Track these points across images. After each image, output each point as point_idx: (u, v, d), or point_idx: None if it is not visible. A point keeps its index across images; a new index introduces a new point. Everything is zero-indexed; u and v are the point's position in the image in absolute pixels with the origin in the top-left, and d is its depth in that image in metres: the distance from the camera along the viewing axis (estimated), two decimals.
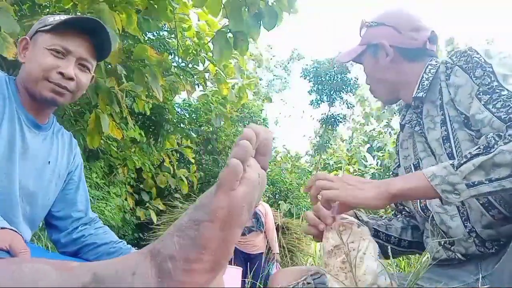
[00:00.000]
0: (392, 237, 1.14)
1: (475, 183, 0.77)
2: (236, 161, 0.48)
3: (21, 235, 0.89)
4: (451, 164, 0.80)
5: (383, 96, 1.18)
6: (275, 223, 4.29)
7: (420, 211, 1.05)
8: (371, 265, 0.73)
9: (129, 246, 1.24)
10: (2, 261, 0.52)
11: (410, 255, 3.24)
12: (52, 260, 0.48)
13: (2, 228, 0.85)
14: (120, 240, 1.25)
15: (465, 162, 0.78)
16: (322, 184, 0.86)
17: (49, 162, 1.14)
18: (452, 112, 0.97)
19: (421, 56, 1.08)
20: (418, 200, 1.06)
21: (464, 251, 0.96)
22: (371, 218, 1.15)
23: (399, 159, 1.19)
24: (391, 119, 15.65)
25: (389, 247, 1.08)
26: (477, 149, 0.79)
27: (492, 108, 0.85)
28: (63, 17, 1.08)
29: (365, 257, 0.75)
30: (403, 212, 1.20)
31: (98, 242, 1.21)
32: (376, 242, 1.11)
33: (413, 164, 1.09)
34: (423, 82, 1.04)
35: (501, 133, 0.80)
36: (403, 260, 3.37)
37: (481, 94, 0.89)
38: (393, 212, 1.26)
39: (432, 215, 1.01)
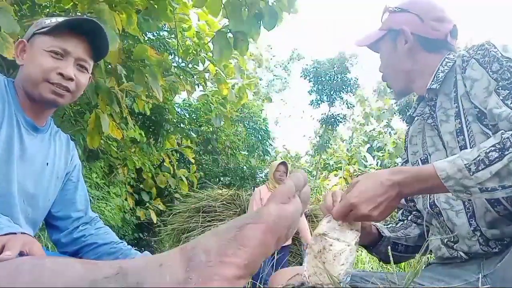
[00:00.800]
0: (411, 247, 1.15)
1: (489, 189, 0.78)
2: (292, 183, 0.54)
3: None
4: (466, 167, 0.78)
5: (396, 85, 1.15)
6: None
7: (429, 207, 1.05)
8: (336, 268, 0.78)
9: (129, 246, 1.25)
10: (26, 258, 0.53)
11: None
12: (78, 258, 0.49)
13: (23, 233, 0.86)
14: (121, 240, 1.25)
15: (483, 169, 0.77)
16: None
17: (47, 163, 1.15)
18: (466, 104, 0.96)
19: (440, 48, 1.06)
20: (428, 197, 1.06)
21: (467, 249, 0.95)
22: (391, 231, 1.15)
23: (407, 155, 1.17)
24: (391, 119, 15.66)
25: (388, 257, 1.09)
26: (492, 148, 0.79)
27: (511, 103, 0.85)
28: (60, 19, 1.09)
29: (336, 258, 0.79)
30: (413, 213, 1.19)
31: (98, 242, 1.21)
32: (394, 254, 1.11)
33: (420, 159, 1.09)
34: (438, 74, 1.03)
35: None
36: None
37: (500, 89, 0.88)
38: (401, 212, 1.25)
39: (440, 211, 1.01)
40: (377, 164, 13.46)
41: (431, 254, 1.07)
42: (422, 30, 1.06)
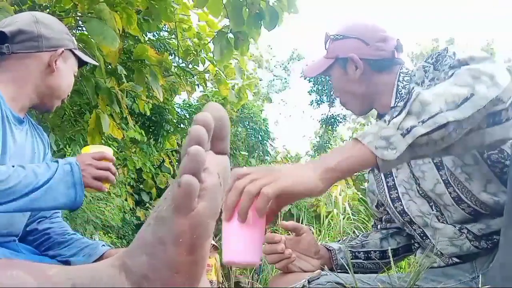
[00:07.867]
0: (372, 251, 1.12)
1: (409, 128, 0.67)
2: (188, 179, 0.41)
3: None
4: (382, 122, 0.71)
5: (355, 108, 1.17)
6: None
7: (398, 215, 1.04)
8: None
9: (81, 236, 1.26)
10: None
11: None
12: (32, 265, 0.46)
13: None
14: (74, 232, 1.27)
15: (397, 115, 0.70)
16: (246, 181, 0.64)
17: (35, 152, 1.17)
18: None
19: (390, 65, 1.09)
20: (393, 205, 1.04)
21: (458, 250, 0.95)
22: (341, 243, 1.13)
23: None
24: None
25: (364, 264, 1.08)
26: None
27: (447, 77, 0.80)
28: (84, 56, 1.23)
29: None
30: (383, 218, 1.18)
31: (53, 236, 1.21)
32: (357, 262, 1.11)
33: (386, 184, 1.06)
34: (400, 91, 1.04)
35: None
36: (403, 259, 3.36)
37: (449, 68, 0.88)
38: (373, 223, 1.24)
39: (411, 219, 1.01)
40: None
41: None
42: (369, 53, 1.09)
